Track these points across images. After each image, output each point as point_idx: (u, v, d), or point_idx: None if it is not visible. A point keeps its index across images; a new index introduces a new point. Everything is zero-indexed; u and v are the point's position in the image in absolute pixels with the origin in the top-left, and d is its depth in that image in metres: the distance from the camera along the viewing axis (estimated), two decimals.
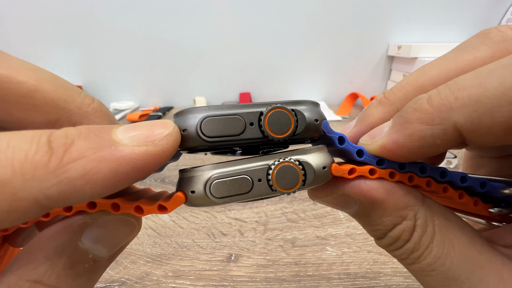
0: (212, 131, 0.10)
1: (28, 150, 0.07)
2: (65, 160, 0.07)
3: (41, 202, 0.07)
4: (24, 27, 0.79)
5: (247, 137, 0.11)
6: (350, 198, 0.12)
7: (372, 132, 0.12)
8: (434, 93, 0.09)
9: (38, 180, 0.07)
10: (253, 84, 0.89)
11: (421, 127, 0.09)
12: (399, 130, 0.10)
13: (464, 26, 0.81)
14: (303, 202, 0.38)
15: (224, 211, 0.37)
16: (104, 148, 0.08)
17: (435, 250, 0.11)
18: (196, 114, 0.10)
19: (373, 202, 0.11)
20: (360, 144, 0.12)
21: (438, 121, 0.09)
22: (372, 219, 0.12)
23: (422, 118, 0.09)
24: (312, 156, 0.11)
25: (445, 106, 0.09)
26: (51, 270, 0.09)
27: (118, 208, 0.10)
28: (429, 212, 0.11)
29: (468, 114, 0.08)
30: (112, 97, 0.87)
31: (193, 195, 0.11)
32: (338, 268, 0.27)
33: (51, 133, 0.07)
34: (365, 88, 0.89)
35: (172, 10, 0.78)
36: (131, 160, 0.08)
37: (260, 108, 0.11)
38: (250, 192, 0.11)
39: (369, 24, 0.81)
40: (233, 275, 0.27)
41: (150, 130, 0.09)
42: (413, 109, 0.10)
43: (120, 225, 0.11)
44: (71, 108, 0.10)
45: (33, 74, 0.10)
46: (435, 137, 0.09)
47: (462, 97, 0.09)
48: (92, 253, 0.10)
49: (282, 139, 0.11)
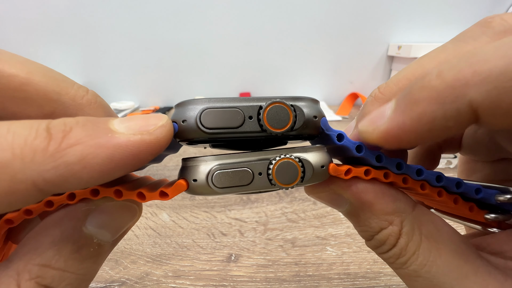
0: (211, 123, 0.11)
1: (28, 136, 0.07)
2: (63, 145, 0.07)
3: (39, 185, 0.07)
4: (24, 27, 0.79)
5: (245, 130, 0.11)
6: (342, 197, 0.12)
7: (372, 116, 0.10)
8: (445, 68, 0.08)
9: (37, 163, 0.07)
10: (253, 84, 0.89)
11: (431, 107, 0.08)
12: (405, 112, 0.09)
13: (464, 26, 0.79)
14: (303, 202, 0.38)
15: (224, 211, 0.37)
16: (101, 135, 0.08)
17: (421, 258, 0.11)
18: (196, 105, 0.11)
19: (362, 204, 0.12)
20: (360, 130, 0.11)
21: (451, 98, 0.08)
22: (361, 220, 0.12)
23: (432, 96, 0.08)
24: (312, 154, 0.12)
25: (460, 81, 0.08)
26: (58, 255, 0.10)
27: (121, 195, 0.10)
28: (417, 220, 0.11)
29: (488, 90, 0.07)
30: (112, 97, 0.87)
31: (195, 183, 0.11)
32: (338, 268, 0.27)
33: (50, 121, 0.08)
34: (365, 88, 0.88)
35: (172, 10, 0.79)
36: (127, 147, 0.08)
37: (260, 102, 0.11)
38: (250, 185, 0.11)
39: (369, 24, 0.81)
40: (233, 275, 0.27)
41: (145, 121, 0.09)
42: (420, 86, 0.09)
43: (122, 210, 0.11)
44: (65, 101, 0.10)
45: (23, 67, 0.09)
46: (448, 119, 0.08)
47: (482, 70, 0.07)
48: (97, 238, 0.11)
49: (280, 133, 0.11)
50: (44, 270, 0.09)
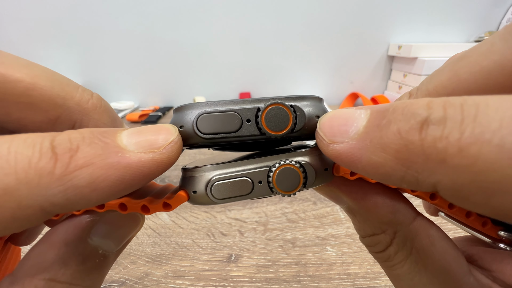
0: (208, 128, 0.10)
1: (31, 157, 0.07)
2: (71, 167, 0.07)
3: (46, 209, 0.07)
4: (24, 27, 0.79)
5: (243, 134, 0.10)
6: (342, 197, 0.13)
7: (335, 128, 0.09)
8: (436, 119, 0.06)
9: (43, 188, 0.07)
10: (253, 84, 0.89)
11: (393, 164, 0.07)
12: (369, 147, 0.07)
13: (464, 26, 0.81)
14: (303, 202, 0.38)
15: (224, 211, 0.37)
16: (111, 155, 0.07)
17: (406, 267, 0.11)
18: (193, 110, 0.10)
19: (360, 209, 0.12)
20: (318, 138, 0.09)
21: (417, 170, 0.07)
22: (356, 219, 0.13)
23: (400, 152, 0.07)
24: (314, 157, 0.11)
25: (438, 156, 0.06)
26: (64, 268, 0.09)
27: (126, 208, 0.10)
28: (413, 232, 0.11)
29: (468, 181, 0.06)
30: (112, 97, 0.87)
31: (195, 194, 0.11)
32: (338, 268, 0.27)
33: (53, 137, 0.07)
34: (365, 88, 0.89)
35: (172, 10, 0.78)
36: (137, 168, 0.08)
37: (258, 104, 0.10)
38: (251, 194, 0.11)
39: (370, 24, 0.81)
40: (233, 275, 0.27)
41: (155, 135, 0.09)
42: (398, 129, 0.07)
43: (126, 220, 0.11)
44: (70, 105, 0.10)
45: (28, 71, 0.09)
46: (401, 181, 0.07)
47: (475, 153, 0.06)
48: (102, 249, 0.10)
49: (280, 136, 0.11)
50: (51, 284, 0.09)
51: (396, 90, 0.82)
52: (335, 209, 0.36)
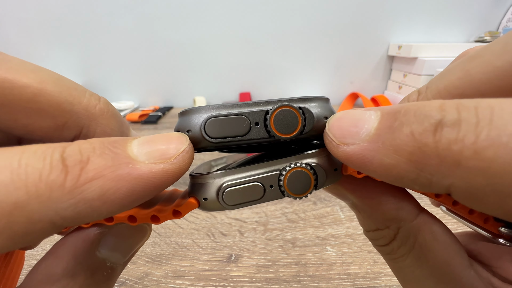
0: (216, 132, 0.10)
1: (42, 170, 0.06)
2: (82, 180, 0.07)
3: (57, 223, 0.07)
4: (24, 27, 0.79)
5: (252, 138, 0.10)
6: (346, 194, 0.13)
7: (344, 129, 0.09)
8: (450, 121, 0.06)
9: (54, 202, 0.06)
10: (253, 84, 0.89)
11: (406, 166, 0.07)
12: (380, 149, 0.07)
13: (464, 26, 0.81)
14: (303, 202, 0.38)
15: (224, 211, 0.37)
16: (121, 167, 0.07)
17: (408, 260, 0.11)
18: (200, 114, 0.10)
19: (364, 205, 0.12)
20: (327, 140, 0.09)
21: (431, 172, 0.07)
22: (361, 215, 0.13)
23: (414, 154, 0.07)
24: (323, 158, 0.11)
25: (453, 159, 0.06)
26: (73, 281, 0.09)
27: (135, 220, 0.10)
28: (416, 228, 0.11)
29: (483, 184, 0.06)
30: (112, 96, 0.88)
31: (206, 201, 0.10)
32: (338, 268, 0.27)
33: (63, 148, 0.07)
34: (365, 88, 0.88)
35: (172, 10, 0.78)
36: (148, 179, 0.08)
37: (266, 106, 0.10)
38: (262, 198, 0.11)
39: (370, 24, 0.81)
40: (233, 276, 0.27)
41: (165, 145, 0.08)
42: (411, 131, 0.07)
43: (134, 231, 0.11)
44: (78, 111, 0.10)
45: (35, 76, 0.09)
46: (413, 183, 0.07)
47: (494, 156, 0.06)
48: (110, 261, 0.10)
49: (289, 139, 0.10)
50: None
51: (396, 90, 0.82)
52: (335, 209, 0.36)
